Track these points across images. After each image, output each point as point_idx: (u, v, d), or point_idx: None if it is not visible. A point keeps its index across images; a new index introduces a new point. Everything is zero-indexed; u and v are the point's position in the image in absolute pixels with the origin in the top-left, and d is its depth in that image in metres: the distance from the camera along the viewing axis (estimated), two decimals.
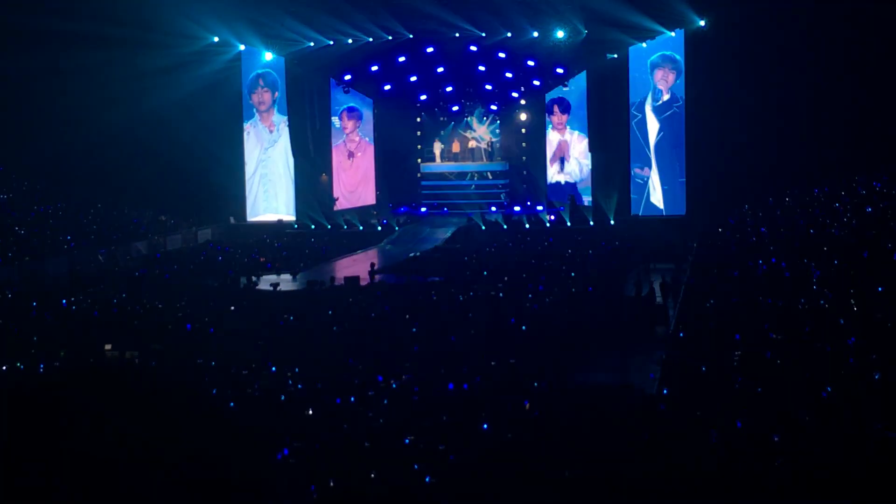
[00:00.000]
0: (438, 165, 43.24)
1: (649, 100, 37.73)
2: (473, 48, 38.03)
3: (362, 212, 40.98)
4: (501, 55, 38.36)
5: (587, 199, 38.99)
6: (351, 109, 42.03)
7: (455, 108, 43.04)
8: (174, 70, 38.04)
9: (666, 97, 37.52)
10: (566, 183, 40.01)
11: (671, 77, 37.38)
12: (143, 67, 37.09)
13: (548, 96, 40.42)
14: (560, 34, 36.92)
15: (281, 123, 41.24)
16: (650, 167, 37.79)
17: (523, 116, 42.06)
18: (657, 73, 37.50)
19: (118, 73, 37.10)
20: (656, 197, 37.81)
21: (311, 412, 13.27)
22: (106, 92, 37.32)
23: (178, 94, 37.84)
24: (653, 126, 37.78)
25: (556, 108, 40.28)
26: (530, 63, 38.57)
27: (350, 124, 42.17)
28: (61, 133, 37.64)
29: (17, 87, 37.70)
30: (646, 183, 37.82)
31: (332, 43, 39.21)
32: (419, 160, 43.37)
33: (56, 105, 37.93)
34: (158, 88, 37.62)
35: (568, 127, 40.17)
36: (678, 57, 37.22)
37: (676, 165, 37.57)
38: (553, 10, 36.02)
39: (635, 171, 37.87)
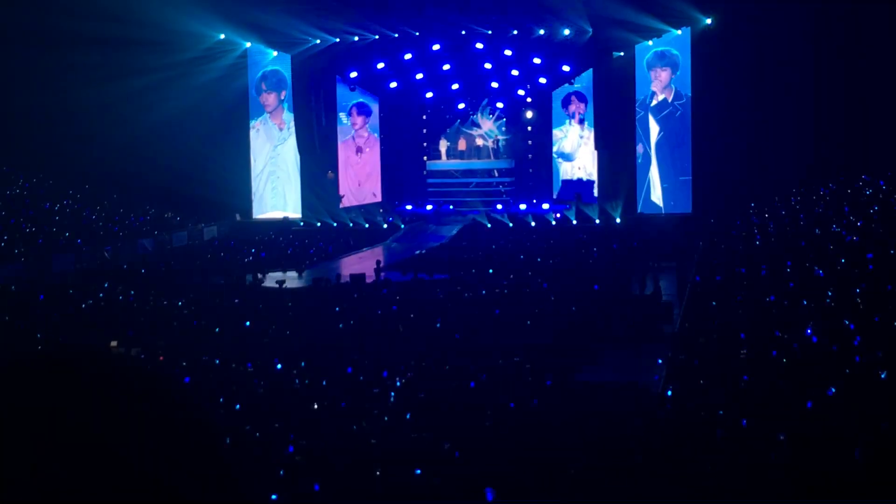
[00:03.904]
0: (444, 163, 43.10)
1: (648, 99, 37.57)
2: (480, 45, 38.02)
3: (368, 209, 40.92)
4: (508, 53, 38.32)
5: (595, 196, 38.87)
6: (361, 106, 42.04)
7: (461, 106, 42.95)
8: (180, 68, 38.08)
9: (661, 97, 37.26)
10: (587, 180, 39.70)
11: (664, 76, 37.06)
12: (149, 65, 37.10)
13: (555, 94, 40.33)
14: (566, 32, 36.86)
15: (291, 121, 41.18)
16: (648, 147, 37.49)
17: (529, 114, 41.98)
18: (651, 73, 37.32)
19: (124, 72, 37.11)
20: (656, 195, 37.62)
21: (315, 408, 13.31)
22: (112, 90, 37.32)
23: (184, 91, 37.85)
24: (652, 125, 37.61)
25: (573, 98, 40.09)
26: (536, 61, 38.48)
27: (360, 120, 42.17)
28: (68, 131, 37.70)
29: (25, 86, 37.77)
30: (644, 157, 37.44)
31: (338, 40, 39.21)
32: (425, 158, 43.30)
33: (63, 103, 37.96)
34: (165, 86, 37.65)
35: (585, 122, 40.00)
36: (674, 51, 36.97)
37: (678, 164, 37.38)
38: (559, 9, 35.96)
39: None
